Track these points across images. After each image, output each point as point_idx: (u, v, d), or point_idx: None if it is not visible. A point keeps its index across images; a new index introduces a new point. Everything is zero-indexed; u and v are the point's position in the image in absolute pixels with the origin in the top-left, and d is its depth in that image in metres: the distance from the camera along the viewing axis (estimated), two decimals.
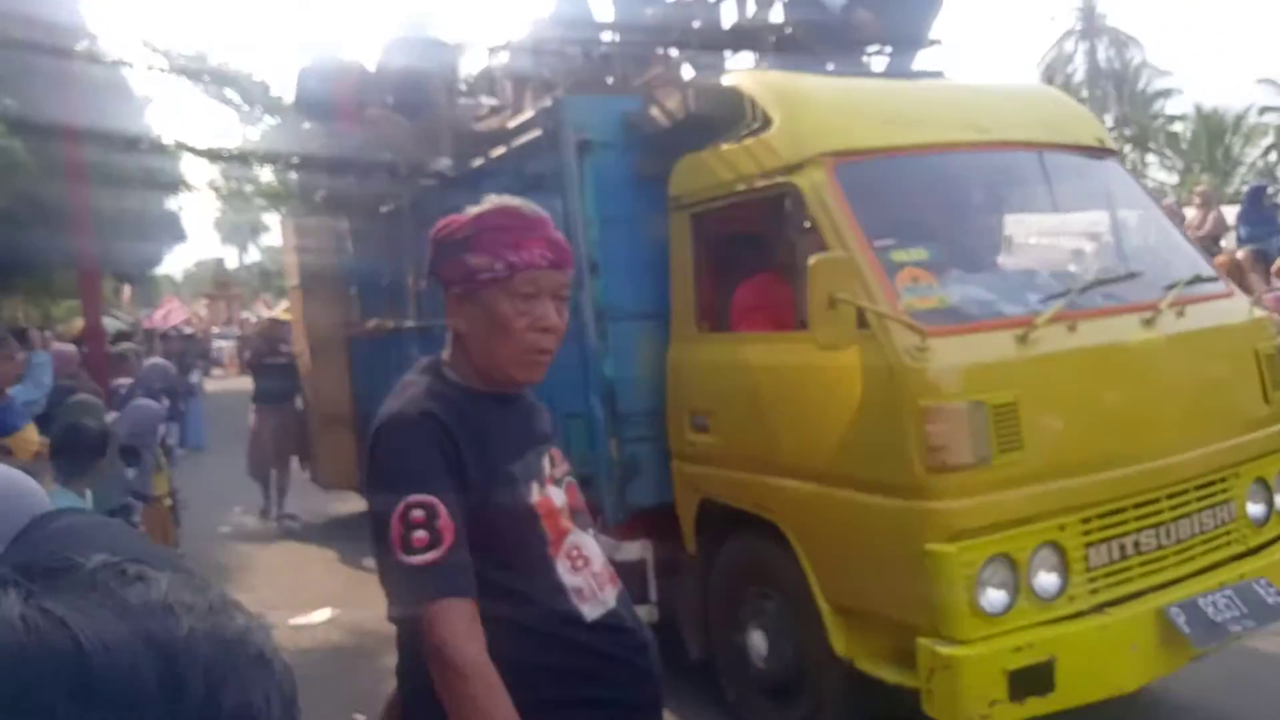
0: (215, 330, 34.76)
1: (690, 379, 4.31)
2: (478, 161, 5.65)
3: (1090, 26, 39.18)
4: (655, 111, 4.48)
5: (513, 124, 5.28)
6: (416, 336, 6.86)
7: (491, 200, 1.74)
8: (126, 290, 31.47)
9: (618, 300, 4.53)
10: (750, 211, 4.22)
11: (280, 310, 31.35)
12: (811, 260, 3.17)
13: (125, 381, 7.72)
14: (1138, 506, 3.46)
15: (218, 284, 41.82)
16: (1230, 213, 10.28)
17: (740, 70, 4.41)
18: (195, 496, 8.58)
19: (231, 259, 60.90)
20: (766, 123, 3.91)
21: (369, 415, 8.70)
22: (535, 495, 1.70)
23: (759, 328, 4.02)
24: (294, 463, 9.25)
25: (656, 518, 4.64)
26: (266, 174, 35.05)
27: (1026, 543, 3.22)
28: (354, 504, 9.10)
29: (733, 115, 4.14)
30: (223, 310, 40.21)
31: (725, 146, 4.12)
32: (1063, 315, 3.44)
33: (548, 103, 4.72)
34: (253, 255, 61.47)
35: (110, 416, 5.30)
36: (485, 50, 6.90)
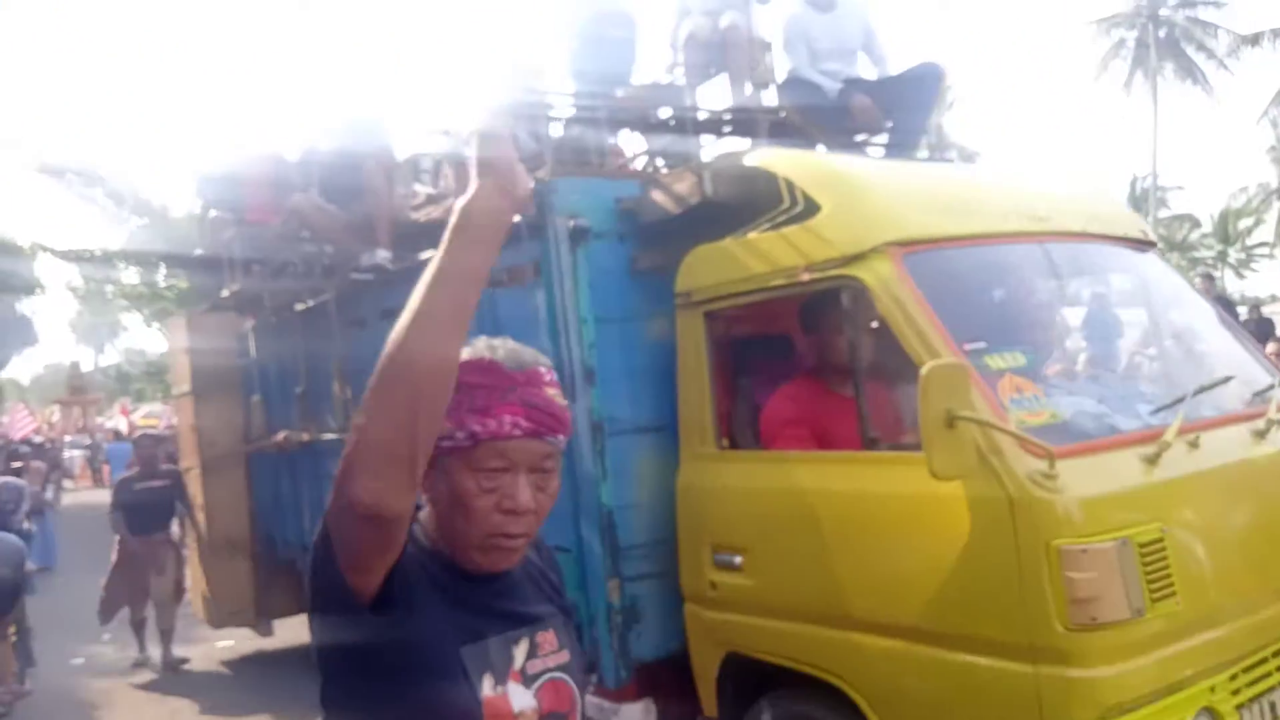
0: (67, 439, 32.11)
1: (710, 506, 3.60)
2: (427, 254, 4.89)
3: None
4: (659, 196, 3.86)
5: None
6: (340, 451, 5.93)
7: (473, 348, 1.42)
8: None
9: (616, 411, 3.81)
10: (782, 309, 3.60)
11: (141, 418, 29.11)
12: (925, 369, 2.54)
13: None
14: (1276, 655, 2.89)
15: (72, 388, 38.80)
16: None
17: (766, 151, 3.84)
18: (45, 623, 7.89)
19: (87, 361, 57.22)
20: (810, 208, 3.31)
21: (271, 540, 7.64)
22: (485, 691, 1.34)
23: (803, 444, 3.36)
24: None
25: (661, 671, 3.87)
26: (130, 275, 33.34)
27: (1183, 714, 2.60)
28: (248, 643, 7.91)
29: (758, 200, 3.54)
30: (76, 417, 37.41)
31: (753, 235, 3.51)
32: (1184, 429, 2.90)
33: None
34: (110, 357, 58.03)
35: None
36: (421, 133, 6.21)
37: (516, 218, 4.27)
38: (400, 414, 1.15)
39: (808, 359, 3.67)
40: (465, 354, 1.39)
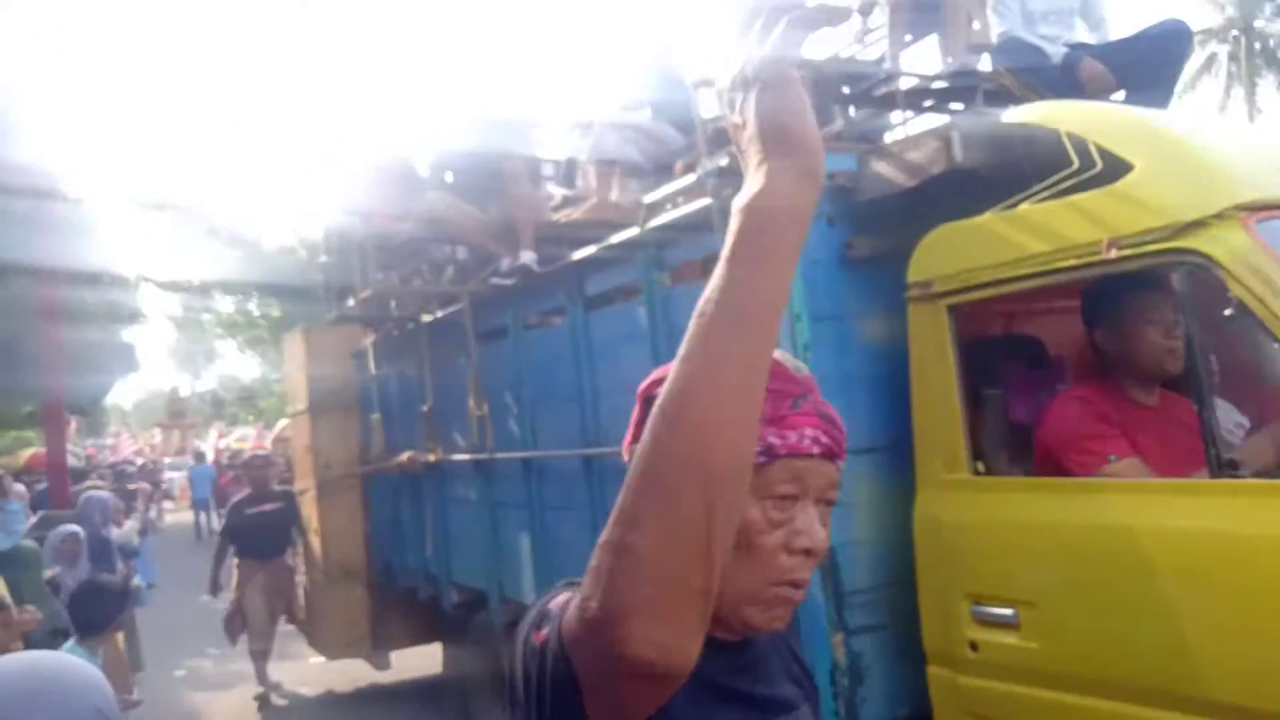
0: (167, 461, 32.48)
1: (966, 546, 2.84)
2: (583, 252, 4.24)
3: None
4: (885, 169, 3.14)
5: (648, 198, 3.89)
6: (474, 473, 5.30)
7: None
8: (73, 422, 29.55)
9: None
10: (1056, 297, 2.85)
11: (234, 440, 29.13)
12: None
13: None
14: None
15: (172, 412, 39.41)
16: None
17: (1040, 106, 3.11)
18: (149, 636, 7.85)
19: (184, 387, 58.30)
20: (1116, 169, 2.56)
21: (388, 568, 7.06)
22: None
23: (1122, 459, 2.59)
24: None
25: None
26: (225, 304, 33.69)
27: None
28: (362, 675, 7.32)
29: (1028, 165, 2.81)
30: (176, 440, 37.92)
31: (1025, 208, 2.76)
32: None
33: (709, 166, 3.34)
34: (206, 383, 59.05)
35: None
36: (558, 131, 5.60)
37: (703, 202, 3.64)
38: (692, 527, 0.77)
39: (1090, 358, 2.90)
40: None
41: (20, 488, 7.41)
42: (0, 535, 5.23)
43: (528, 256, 4.63)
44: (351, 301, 5.55)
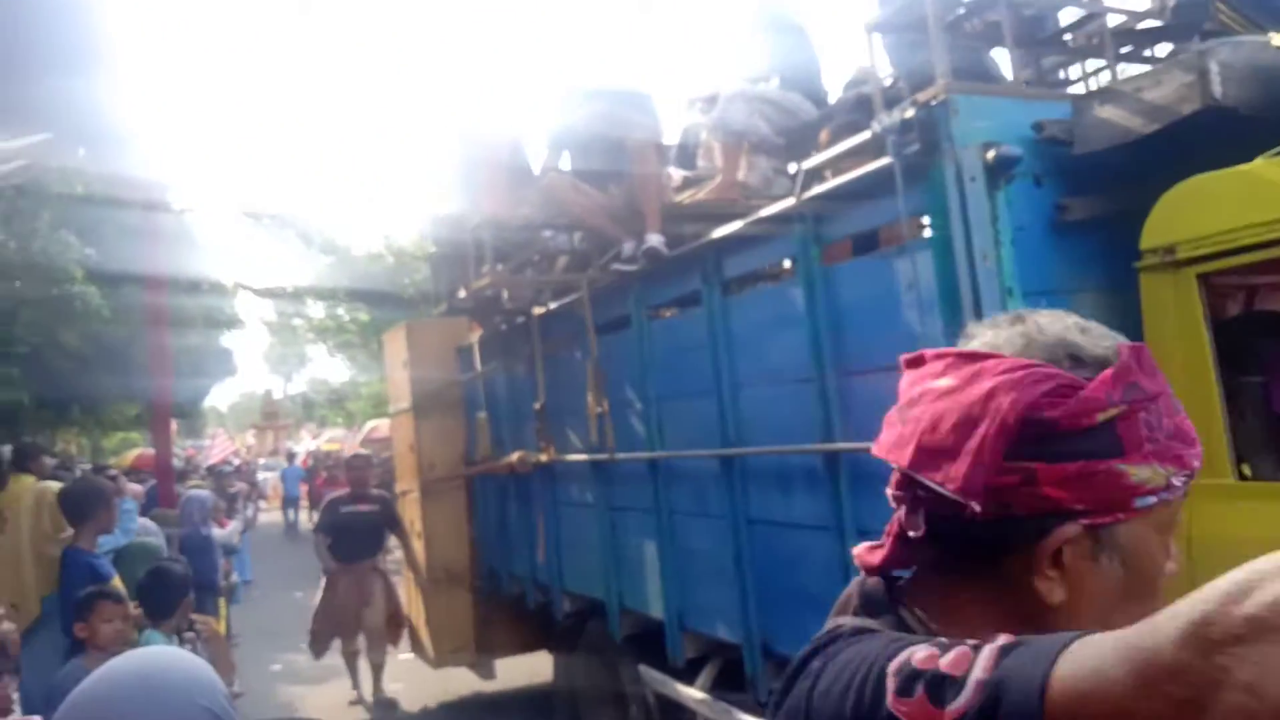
0: (261, 461, 33.00)
1: (1227, 567, 2.28)
2: (724, 230, 3.77)
3: None
4: (1112, 114, 2.61)
5: (807, 164, 3.41)
6: (591, 475, 4.87)
7: (1113, 337, 0.89)
8: (174, 424, 30.19)
9: None
10: None
11: (324, 442, 29.30)
12: None
13: None
14: None
15: (266, 414, 40.10)
16: None
17: None
18: (245, 632, 8.48)
19: (277, 390, 59.45)
20: None
21: (494, 573, 6.65)
22: None
23: None
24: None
25: None
26: (316, 309, 34.21)
27: None
28: (467, 683, 6.95)
29: None
30: (270, 440, 38.54)
31: None
32: None
33: (908, 112, 2.81)
34: (297, 386, 60.09)
35: None
36: (675, 108, 5.15)
37: (882, 161, 3.12)
38: None
39: None
40: (1101, 339, 0.88)
41: (136, 487, 7.30)
42: (117, 533, 5.14)
43: (655, 239, 4.18)
44: (463, 293, 5.16)
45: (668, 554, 4.26)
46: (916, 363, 0.92)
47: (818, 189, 3.26)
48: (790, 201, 3.34)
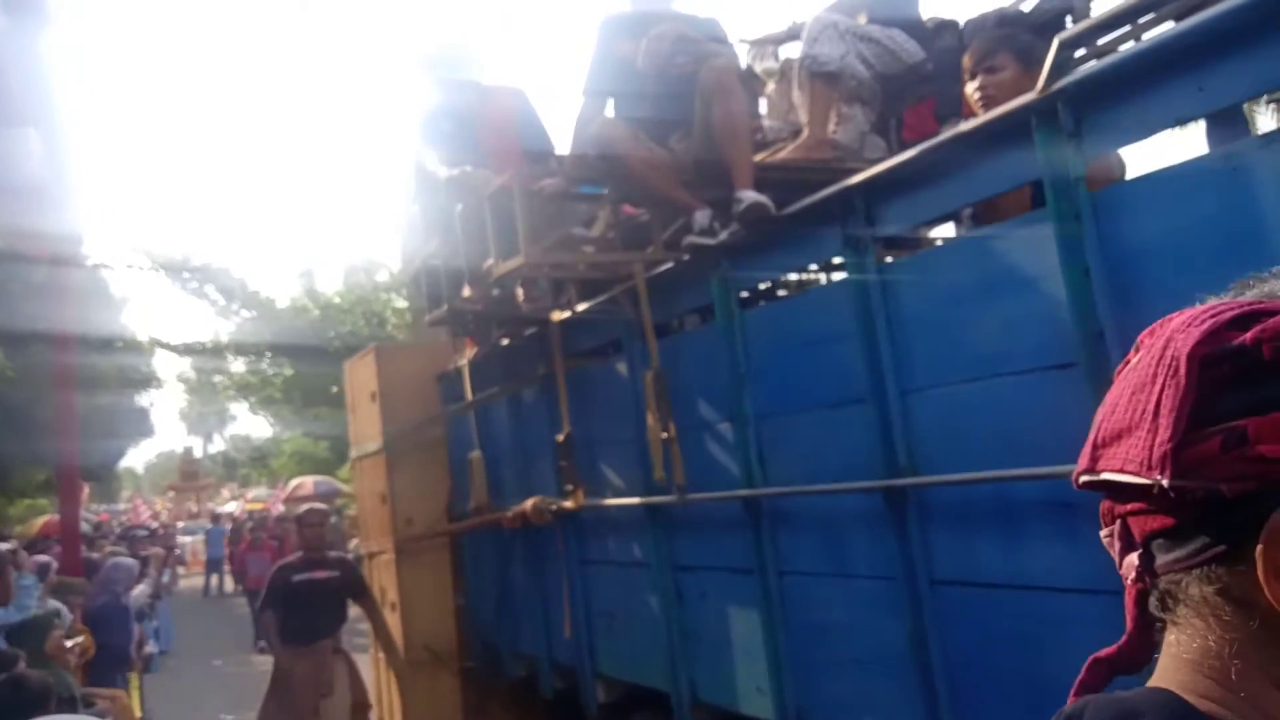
0: (180, 524, 30.47)
1: None
2: (875, 170, 2.56)
3: None
4: None
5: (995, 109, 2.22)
6: (644, 523, 3.56)
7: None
8: (86, 488, 27.73)
9: None
10: None
11: (248, 501, 27.41)
12: None
13: None
14: None
15: (185, 474, 37.25)
16: None
17: None
18: (162, 705, 7.72)
19: (197, 449, 56.00)
20: None
21: (491, 651, 5.03)
22: None
23: None
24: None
25: None
26: (238, 365, 32.37)
27: None
28: None
29: None
30: (189, 502, 35.84)
31: None
32: None
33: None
34: (218, 445, 56.75)
35: None
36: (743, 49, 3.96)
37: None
38: None
39: None
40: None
41: (41, 558, 6.64)
42: (12, 610, 4.67)
43: (751, 195, 2.94)
44: (467, 291, 3.80)
45: (777, 630, 2.98)
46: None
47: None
48: (1029, 98, 2.13)
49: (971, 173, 2.32)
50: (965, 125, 2.31)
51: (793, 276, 3.69)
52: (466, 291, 3.78)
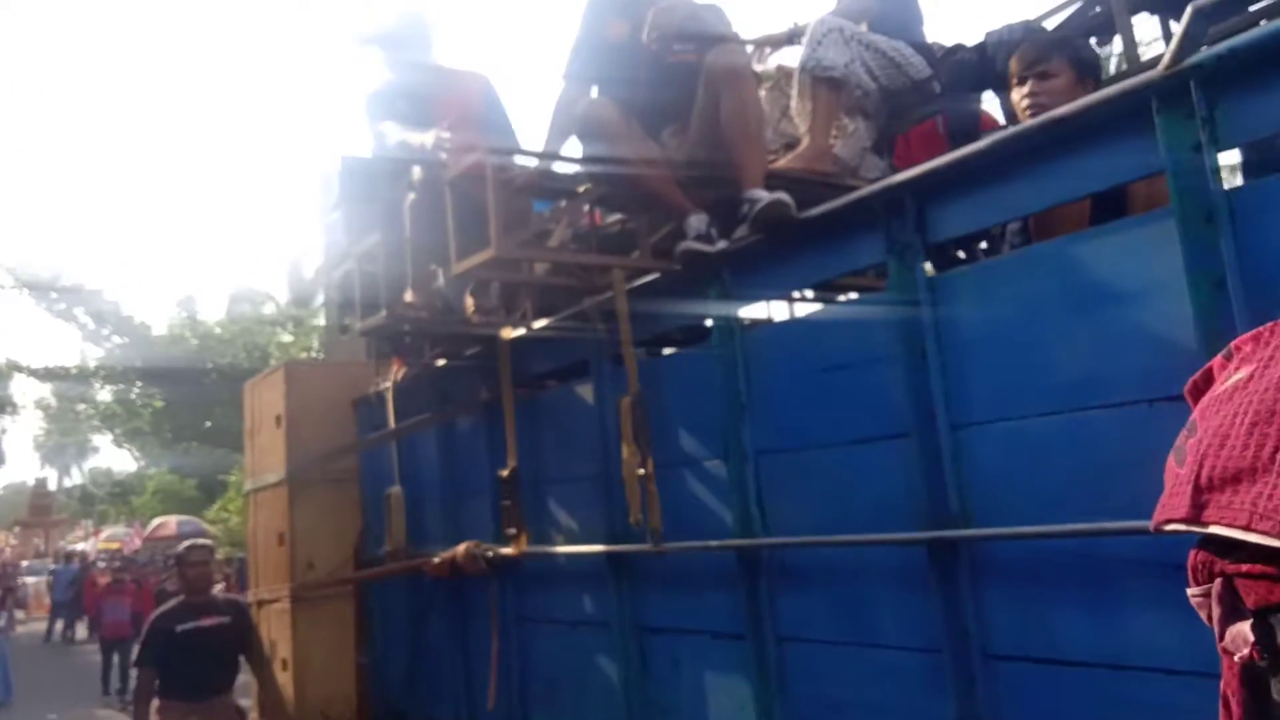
0: (25, 564, 27.84)
1: None
2: (929, 165, 2.19)
3: None
4: None
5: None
6: (607, 575, 3.05)
7: None
8: None
9: None
10: None
11: (102, 541, 25.52)
12: None
13: None
14: None
15: (35, 509, 34.30)
16: None
17: None
18: None
19: (52, 481, 51.94)
20: None
21: (398, 718, 4.14)
22: None
23: None
24: None
25: None
26: (104, 394, 30.40)
27: None
28: None
29: None
30: (37, 539, 33.00)
31: None
32: None
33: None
34: (76, 478, 52.84)
35: None
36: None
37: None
38: None
39: None
40: None
41: None
42: None
43: (764, 195, 2.54)
44: (409, 296, 3.25)
45: (773, 707, 2.51)
46: (1204, 381, 0.65)
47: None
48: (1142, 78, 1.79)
49: (1064, 167, 1.96)
50: (1063, 109, 1.95)
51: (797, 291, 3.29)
52: (409, 296, 3.24)
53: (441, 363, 3.89)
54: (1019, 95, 2.55)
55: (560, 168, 2.94)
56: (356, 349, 4.71)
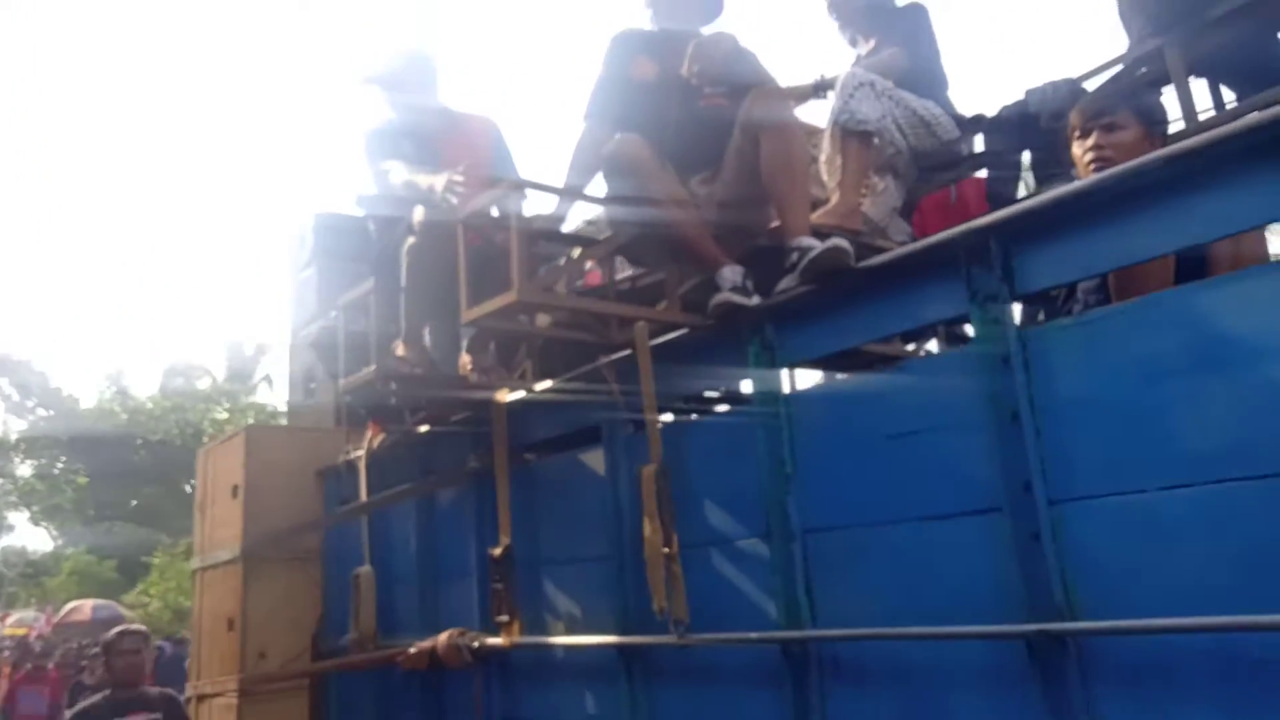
0: None
1: None
2: (1027, 204, 1.97)
3: None
4: None
5: None
6: (617, 671, 2.68)
7: None
8: None
9: None
10: None
11: (8, 626, 24.06)
12: None
13: None
14: None
15: None
16: None
17: None
18: None
19: None
20: None
21: None
22: None
23: None
24: None
25: None
26: (24, 468, 28.96)
27: None
28: None
29: None
30: None
31: None
32: None
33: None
34: None
35: None
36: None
37: None
38: None
39: None
40: None
41: None
42: None
43: (815, 243, 2.30)
44: (400, 350, 2.91)
45: None
46: None
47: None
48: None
49: (1187, 209, 1.75)
50: (1189, 142, 1.74)
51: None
52: (400, 350, 2.91)
53: (425, 428, 3.53)
54: (1081, 149, 2.38)
55: (578, 215, 2.68)
56: (322, 414, 4.33)
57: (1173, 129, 2.51)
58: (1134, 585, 1.75)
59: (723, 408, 3.04)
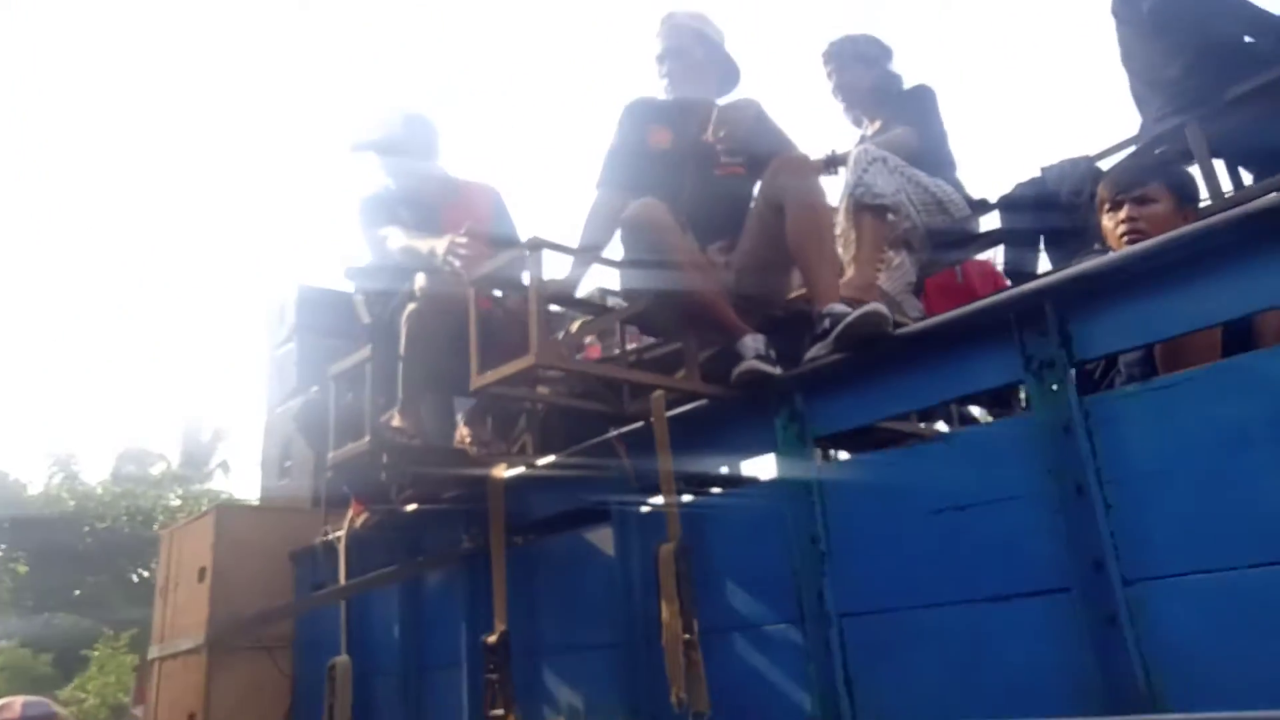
0: None
1: None
2: (1082, 268, 1.88)
3: None
4: None
5: None
6: None
7: None
8: None
9: None
10: None
11: None
12: None
13: None
14: None
15: None
16: None
17: None
18: None
19: None
20: None
21: None
22: None
23: None
24: None
25: None
26: None
27: None
28: None
29: None
30: None
31: None
32: None
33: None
34: None
35: None
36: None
37: None
38: None
39: None
40: None
41: None
42: None
43: (842, 309, 2.20)
44: (396, 421, 2.73)
45: None
46: None
47: None
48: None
49: (1265, 271, 1.66)
50: (1258, 203, 1.66)
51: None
52: (396, 420, 2.73)
53: (412, 507, 3.31)
54: (1113, 221, 2.32)
55: (590, 283, 2.56)
56: (297, 494, 4.09)
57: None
58: (1223, 672, 1.60)
59: (746, 481, 2.88)
